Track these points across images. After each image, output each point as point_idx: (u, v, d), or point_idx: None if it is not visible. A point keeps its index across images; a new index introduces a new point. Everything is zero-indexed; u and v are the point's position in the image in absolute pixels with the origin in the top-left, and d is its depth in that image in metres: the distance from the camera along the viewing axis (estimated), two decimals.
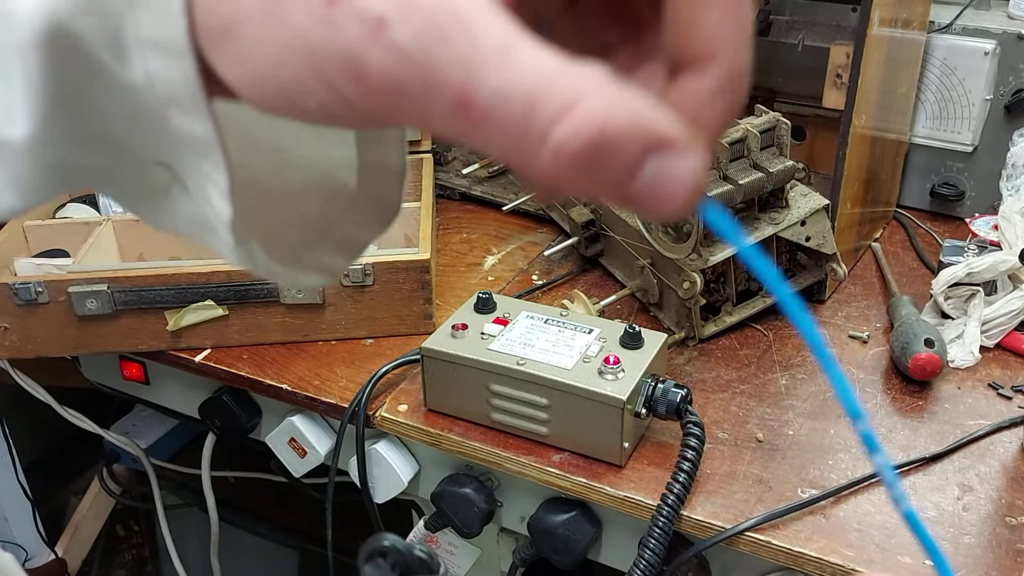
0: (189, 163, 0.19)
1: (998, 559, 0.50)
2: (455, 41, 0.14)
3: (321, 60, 0.15)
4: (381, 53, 0.15)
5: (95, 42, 0.18)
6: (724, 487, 0.55)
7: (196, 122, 0.17)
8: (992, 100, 0.82)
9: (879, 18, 0.66)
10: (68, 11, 0.17)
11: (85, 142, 0.19)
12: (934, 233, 0.84)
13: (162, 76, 0.17)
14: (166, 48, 0.17)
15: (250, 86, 0.17)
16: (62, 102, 0.18)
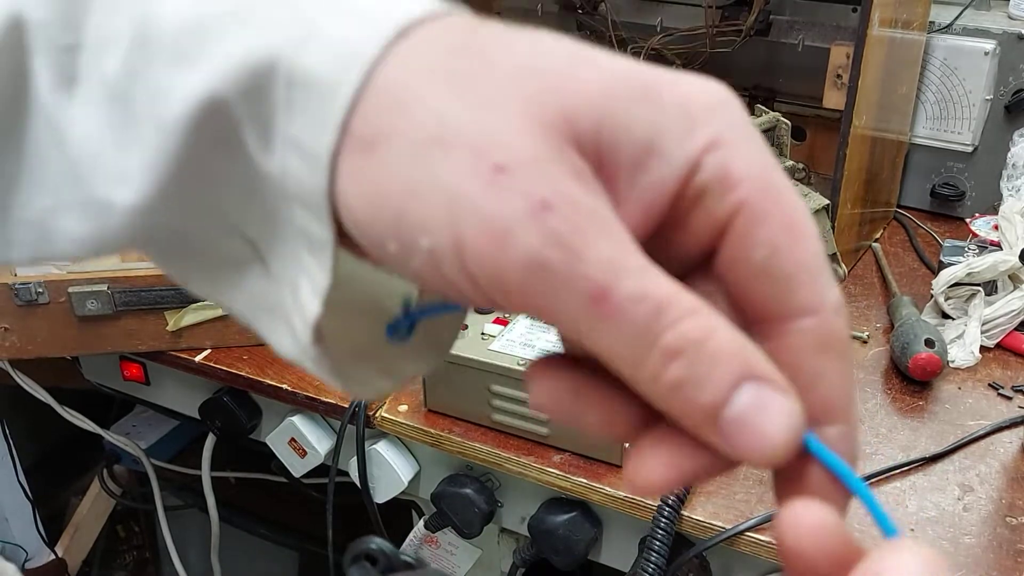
0: (287, 251, 0.19)
1: (998, 559, 0.50)
2: (606, 243, 0.16)
3: (465, 213, 0.16)
4: (535, 232, 0.15)
5: (246, 126, 0.18)
6: (725, 487, 0.55)
7: (315, 223, 0.18)
8: (992, 100, 0.82)
9: (879, 18, 0.66)
10: (230, 91, 0.17)
11: (188, 211, 0.19)
12: (934, 233, 0.84)
13: (296, 175, 0.17)
14: (308, 154, 0.17)
15: (367, 205, 0.17)
16: (186, 177, 0.19)
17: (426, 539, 0.66)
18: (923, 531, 0.52)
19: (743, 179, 0.17)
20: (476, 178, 0.16)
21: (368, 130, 0.17)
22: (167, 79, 0.18)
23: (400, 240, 0.17)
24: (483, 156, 0.16)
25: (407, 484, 0.65)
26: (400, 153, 0.16)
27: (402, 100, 0.17)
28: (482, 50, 0.17)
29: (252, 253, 0.20)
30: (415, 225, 0.16)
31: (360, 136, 0.17)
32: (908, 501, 0.54)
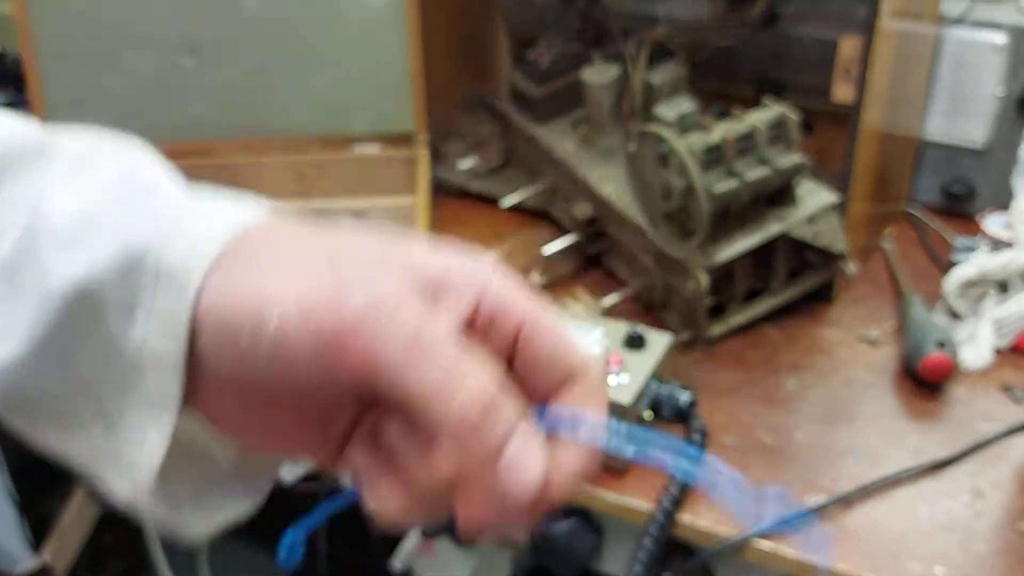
0: (132, 411, 0.23)
1: (1010, 566, 0.49)
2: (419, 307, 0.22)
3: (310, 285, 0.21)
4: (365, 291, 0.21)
5: (112, 308, 0.22)
6: None
7: (166, 384, 0.22)
8: (1005, 95, 0.80)
9: (889, 10, 0.64)
10: (102, 280, 0.22)
11: (50, 373, 0.24)
12: (945, 231, 0.83)
13: (155, 343, 0.22)
14: (170, 322, 0.22)
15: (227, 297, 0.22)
16: (56, 343, 0.23)
17: (422, 547, 0.65)
18: (933, 537, 0.51)
19: (517, 306, 0.24)
20: (318, 265, 0.22)
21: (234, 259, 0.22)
22: (51, 261, 0.22)
23: (254, 321, 0.21)
24: (323, 258, 0.22)
25: None
26: (257, 264, 0.22)
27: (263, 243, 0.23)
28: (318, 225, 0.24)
29: (96, 411, 0.24)
30: (268, 301, 0.21)
31: (227, 262, 0.22)
32: (918, 507, 0.53)
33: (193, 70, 0.82)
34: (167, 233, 0.23)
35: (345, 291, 0.21)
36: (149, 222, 0.23)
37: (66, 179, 0.24)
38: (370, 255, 0.22)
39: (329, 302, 0.21)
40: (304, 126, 0.84)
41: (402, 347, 0.20)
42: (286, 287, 0.21)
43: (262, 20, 0.81)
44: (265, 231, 0.23)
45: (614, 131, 0.81)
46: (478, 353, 0.22)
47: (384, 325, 0.21)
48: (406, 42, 0.82)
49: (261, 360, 0.21)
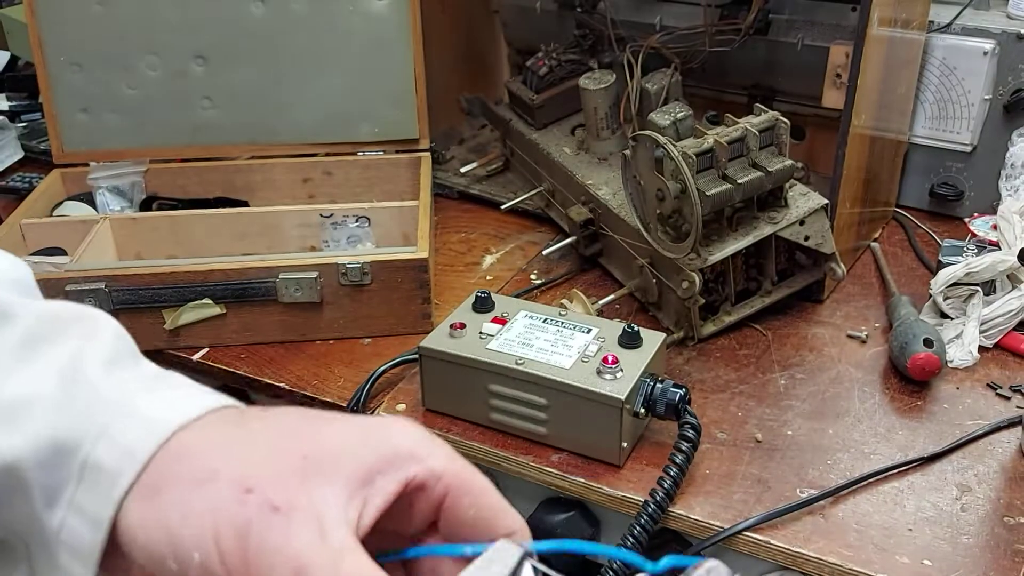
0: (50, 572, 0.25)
1: (996, 559, 0.50)
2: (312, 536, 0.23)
3: (223, 526, 0.23)
4: (264, 526, 0.23)
5: (35, 488, 0.24)
6: (723, 487, 0.55)
7: (80, 568, 0.24)
8: (991, 100, 0.82)
9: (879, 18, 0.66)
10: (29, 462, 0.24)
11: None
12: (933, 233, 0.84)
13: (74, 531, 0.24)
14: (89, 519, 0.24)
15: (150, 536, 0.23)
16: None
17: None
18: (921, 531, 0.52)
19: (443, 473, 0.26)
20: (231, 499, 0.23)
21: (155, 479, 0.24)
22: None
23: (176, 558, 0.23)
24: (237, 485, 0.23)
25: None
26: (178, 495, 0.23)
27: (183, 456, 0.24)
28: (248, 421, 0.26)
29: (23, 554, 0.26)
30: (188, 544, 0.23)
31: (149, 484, 0.24)
32: (906, 501, 0.54)
33: (202, 77, 0.83)
34: (97, 432, 0.24)
35: (252, 525, 0.23)
36: (83, 419, 0.24)
37: (16, 353, 0.26)
38: (291, 467, 0.24)
39: (239, 539, 0.23)
40: (311, 132, 0.86)
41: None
42: (204, 529, 0.23)
43: (270, 29, 0.83)
44: (194, 437, 0.25)
45: (610, 136, 0.83)
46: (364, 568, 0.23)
47: (276, 556, 0.22)
48: (409, 51, 0.84)
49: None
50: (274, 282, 0.69)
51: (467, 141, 1.02)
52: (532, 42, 0.96)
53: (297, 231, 0.80)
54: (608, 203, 0.76)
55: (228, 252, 0.79)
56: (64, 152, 0.84)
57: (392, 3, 0.82)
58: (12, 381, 0.25)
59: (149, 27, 0.81)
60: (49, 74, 0.82)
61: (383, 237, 0.81)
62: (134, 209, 0.84)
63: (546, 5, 0.96)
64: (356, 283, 0.69)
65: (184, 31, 0.82)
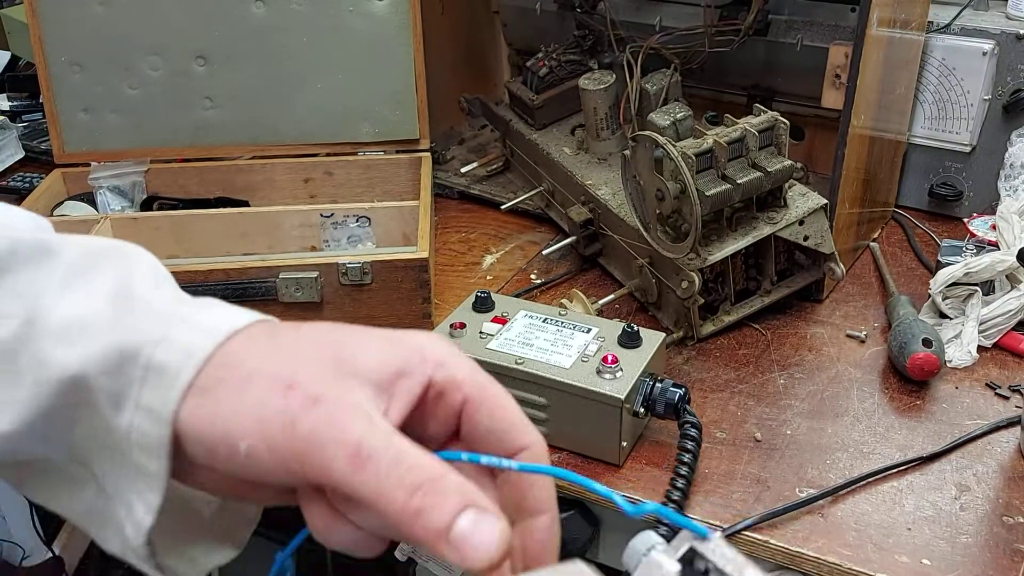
0: (123, 478, 0.26)
1: (995, 558, 0.50)
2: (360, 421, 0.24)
3: (267, 420, 0.25)
4: (311, 418, 0.24)
5: (102, 395, 0.26)
6: (722, 486, 0.55)
7: (153, 463, 0.26)
8: (990, 100, 0.82)
9: (878, 18, 0.66)
10: (94, 370, 0.26)
11: (43, 444, 0.27)
12: (932, 233, 0.84)
13: (142, 429, 0.25)
14: (155, 416, 0.25)
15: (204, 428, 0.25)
16: (49, 420, 0.26)
17: None
18: (920, 530, 0.52)
19: (463, 382, 0.27)
20: (273, 394, 0.25)
21: (207, 382, 0.26)
22: (50, 351, 0.26)
23: (228, 448, 0.25)
24: (278, 381, 0.25)
25: None
26: (225, 392, 0.25)
27: (230, 364, 0.26)
28: (286, 334, 0.28)
29: (89, 475, 0.28)
30: (236, 436, 0.25)
31: (201, 386, 0.26)
32: (905, 500, 0.55)
33: (203, 78, 0.83)
34: (157, 337, 0.26)
35: (295, 416, 0.24)
36: (140, 327, 0.26)
37: (66, 281, 0.27)
38: (326, 367, 0.26)
39: (285, 429, 0.24)
40: (311, 132, 0.86)
41: (346, 460, 0.24)
42: (250, 419, 0.25)
43: (271, 30, 0.83)
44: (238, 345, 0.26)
45: (610, 136, 0.83)
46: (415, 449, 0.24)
47: (329, 443, 0.24)
48: (410, 51, 0.84)
49: (236, 470, 0.25)
50: (274, 282, 0.69)
51: (467, 141, 1.03)
52: (532, 42, 0.96)
53: (297, 231, 0.80)
54: (608, 203, 0.76)
55: (228, 252, 0.79)
56: (65, 152, 0.84)
57: (392, 4, 0.83)
58: (64, 304, 0.27)
59: (150, 27, 0.82)
60: (50, 74, 0.82)
61: (383, 237, 0.81)
62: (135, 209, 0.84)
63: (546, 5, 0.96)
64: (356, 283, 0.70)
65: (185, 31, 0.82)
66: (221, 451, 0.25)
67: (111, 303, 0.27)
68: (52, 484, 0.28)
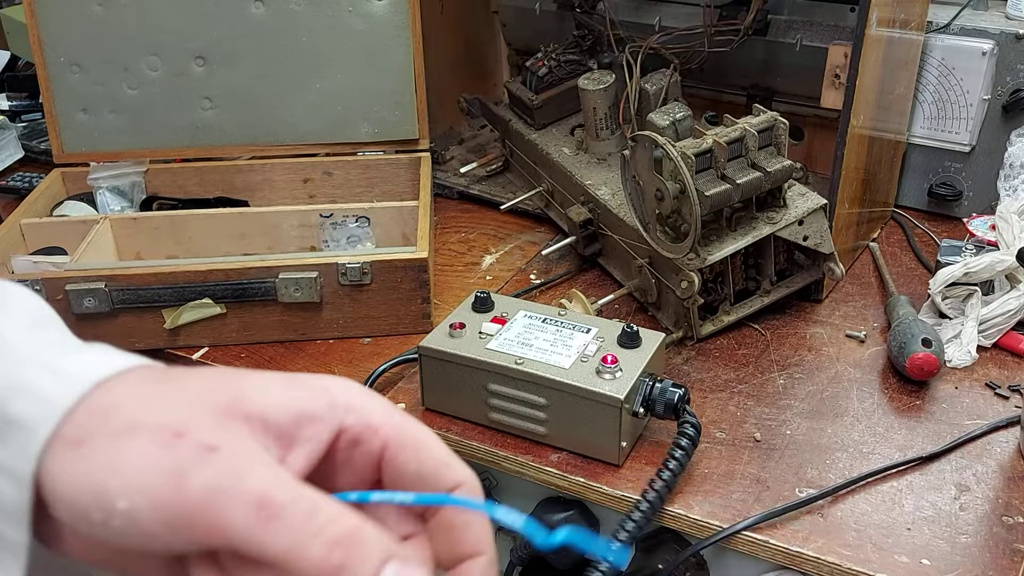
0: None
1: (995, 558, 0.50)
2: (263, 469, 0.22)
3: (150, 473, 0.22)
4: (206, 468, 0.21)
5: None
6: (722, 486, 0.55)
7: (12, 530, 0.23)
8: (990, 100, 0.82)
9: (877, 18, 0.66)
10: None
11: None
12: (932, 233, 0.84)
13: (1, 492, 0.22)
14: (13, 476, 0.22)
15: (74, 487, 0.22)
16: None
17: None
18: (920, 530, 0.52)
19: (380, 425, 0.25)
20: (156, 445, 0.22)
21: (77, 433, 0.22)
22: None
23: (102, 508, 0.22)
24: (163, 431, 0.22)
25: None
26: (100, 445, 0.22)
27: (104, 411, 0.23)
28: (169, 379, 0.24)
29: None
30: (113, 494, 0.22)
31: (70, 438, 0.22)
32: (905, 500, 0.55)
33: (202, 78, 0.83)
34: (16, 387, 0.23)
35: (186, 469, 0.21)
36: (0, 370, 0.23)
37: None
38: (220, 412, 0.23)
39: (173, 483, 0.21)
40: (311, 132, 0.86)
41: (251, 515, 0.21)
42: (128, 473, 0.22)
43: (270, 30, 0.83)
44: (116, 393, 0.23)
45: (609, 136, 0.83)
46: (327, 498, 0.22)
47: (228, 498, 0.21)
48: (409, 51, 0.84)
49: (113, 535, 0.22)
50: (274, 282, 0.69)
51: (467, 141, 1.03)
52: (531, 42, 0.96)
53: (297, 231, 0.80)
54: (607, 203, 0.76)
55: (228, 252, 0.79)
56: (64, 152, 0.84)
57: (392, 4, 0.83)
58: None
59: (149, 27, 0.82)
60: (49, 74, 0.82)
61: (383, 237, 0.81)
62: (134, 209, 0.84)
63: (545, 5, 0.96)
64: (356, 283, 0.70)
65: (184, 31, 0.82)
66: (94, 514, 0.22)
67: None
68: None
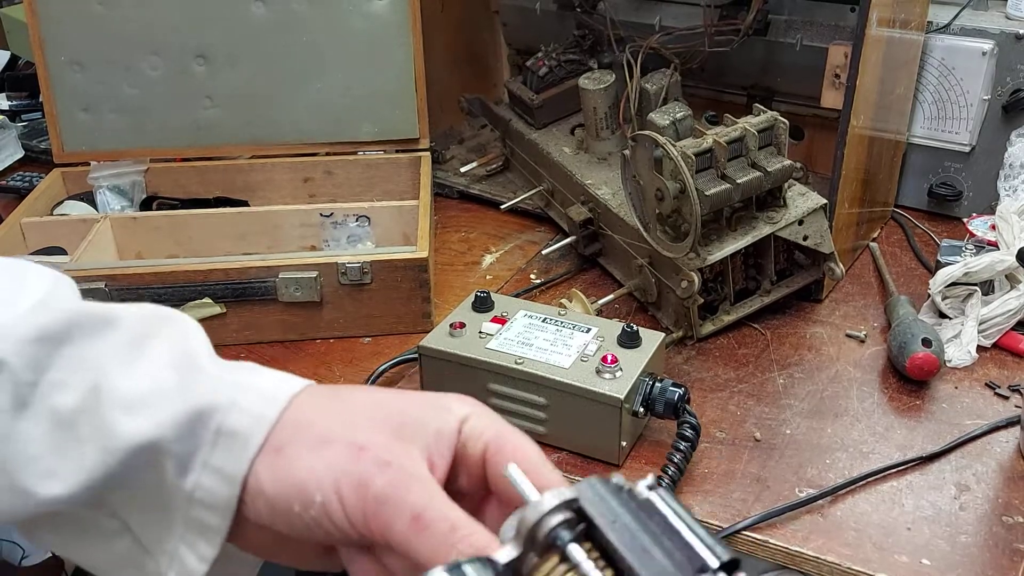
0: (169, 531, 0.29)
1: (994, 558, 0.50)
2: (421, 487, 0.27)
3: (342, 476, 0.27)
4: (381, 478, 0.27)
5: (170, 459, 0.28)
6: (722, 486, 0.55)
7: (215, 518, 0.28)
8: (990, 100, 0.82)
9: (877, 18, 0.66)
10: (168, 436, 0.28)
11: (91, 505, 0.29)
12: (932, 233, 0.84)
13: (208, 488, 0.28)
14: (226, 476, 0.28)
15: (277, 484, 0.28)
16: (109, 483, 0.28)
17: None
18: (920, 530, 0.52)
19: (484, 430, 0.30)
20: (346, 457, 0.28)
21: (278, 442, 0.28)
22: (115, 420, 0.28)
23: (302, 501, 0.27)
24: (351, 446, 0.28)
25: None
26: (300, 452, 0.28)
27: (300, 425, 0.29)
28: (343, 398, 0.30)
29: (121, 528, 0.30)
30: (312, 489, 0.27)
31: (272, 445, 0.28)
32: (905, 500, 0.55)
33: (203, 77, 0.83)
34: (227, 403, 0.28)
35: (368, 478, 0.27)
36: (210, 396, 0.28)
37: (128, 351, 0.29)
38: (387, 432, 0.29)
39: (358, 487, 0.27)
40: (311, 132, 0.86)
41: (408, 524, 0.26)
42: (324, 475, 0.27)
43: (270, 29, 0.83)
44: (303, 409, 0.29)
45: (610, 136, 0.83)
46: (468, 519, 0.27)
47: (395, 506, 0.27)
48: (410, 51, 0.84)
49: (303, 526, 0.28)
50: (274, 281, 0.69)
51: (467, 141, 1.03)
52: (532, 42, 0.96)
53: (297, 231, 0.80)
54: (607, 203, 0.76)
55: (228, 252, 0.79)
56: (64, 151, 0.84)
57: (392, 3, 0.83)
58: (133, 376, 0.29)
59: (150, 27, 0.82)
60: (49, 74, 0.82)
61: (383, 237, 0.81)
62: (134, 209, 0.84)
63: (546, 5, 0.96)
64: (356, 282, 0.70)
65: (185, 31, 0.82)
66: (294, 506, 0.27)
67: (176, 371, 0.29)
68: (76, 536, 0.30)
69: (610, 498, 0.25)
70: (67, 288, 0.32)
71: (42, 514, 0.29)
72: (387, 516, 0.27)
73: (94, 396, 0.28)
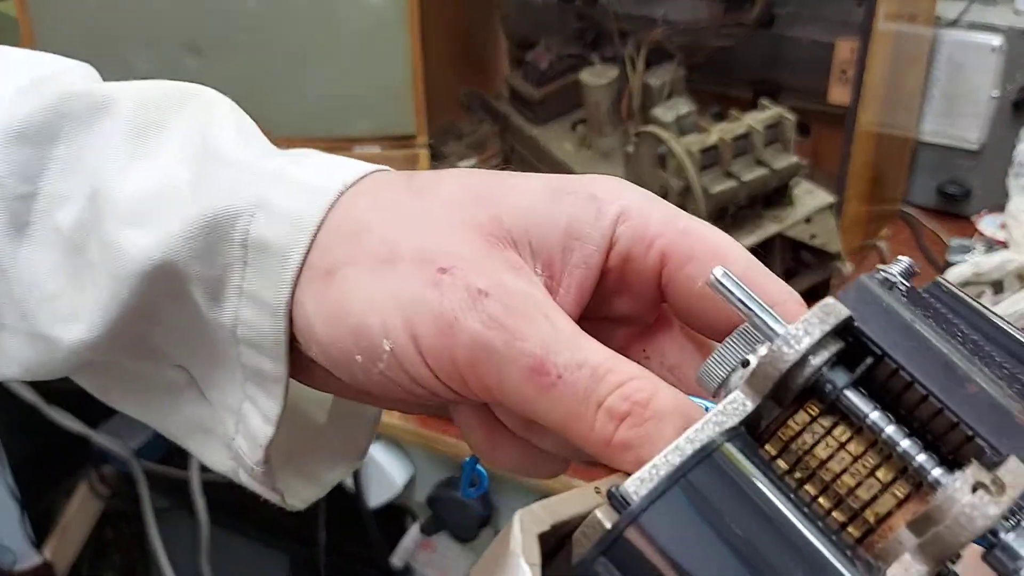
0: (229, 383, 0.21)
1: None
2: (540, 322, 0.18)
3: (417, 313, 0.18)
4: (475, 317, 0.18)
5: (196, 285, 0.20)
6: None
7: (268, 363, 0.20)
8: (1000, 97, 0.80)
9: (885, 12, 0.65)
10: (183, 255, 0.20)
11: (130, 348, 0.22)
12: (941, 232, 0.83)
13: (251, 323, 0.20)
14: (265, 306, 0.20)
15: (329, 325, 0.19)
16: (135, 319, 0.21)
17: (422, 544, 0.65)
18: None
19: (657, 235, 0.20)
20: (422, 283, 0.19)
21: (327, 261, 0.19)
22: (119, 237, 0.20)
23: (364, 349, 0.19)
24: (426, 264, 0.19)
25: (402, 487, 0.63)
26: (356, 276, 0.19)
27: (355, 233, 0.19)
28: (420, 188, 0.20)
29: (186, 381, 0.23)
30: (376, 332, 0.19)
31: (320, 267, 0.19)
32: None
33: (195, 71, 0.82)
34: (252, 205, 0.19)
35: (454, 316, 0.18)
36: (232, 195, 0.19)
37: (128, 144, 0.21)
38: (481, 236, 0.19)
39: (442, 330, 0.18)
40: (306, 127, 0.84)
41: (526, 381, 0.18)
42: (391, 313, 0.18)
43: (264, 22, 0.81)
44: (360, 208, 0.20)
45: (612, 132, 0.82)
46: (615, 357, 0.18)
47: (502, 357, 0.18)
48: (407, 44, 0.82)
49: (375, 384, 0.19)
50: None
51: (465, 137, 1.01)
52: (532, 36, 0.94)
53: None
54: None
55: None
56: None
57: None
58: (134, 177, 0.20)
59: (142, 20, 0.80)
60: None
61: None
62: None
63: None
64: None
65: (178, 23, 0.80)
66: (355, 357, 0.19)
67: (187, 165, 0.20)
68: (142, 394, 0.23)
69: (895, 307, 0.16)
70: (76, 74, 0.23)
71: (93, 366, 0.22)
72: (493, 373, 0.18)
73: (93, 209, 0.20)
